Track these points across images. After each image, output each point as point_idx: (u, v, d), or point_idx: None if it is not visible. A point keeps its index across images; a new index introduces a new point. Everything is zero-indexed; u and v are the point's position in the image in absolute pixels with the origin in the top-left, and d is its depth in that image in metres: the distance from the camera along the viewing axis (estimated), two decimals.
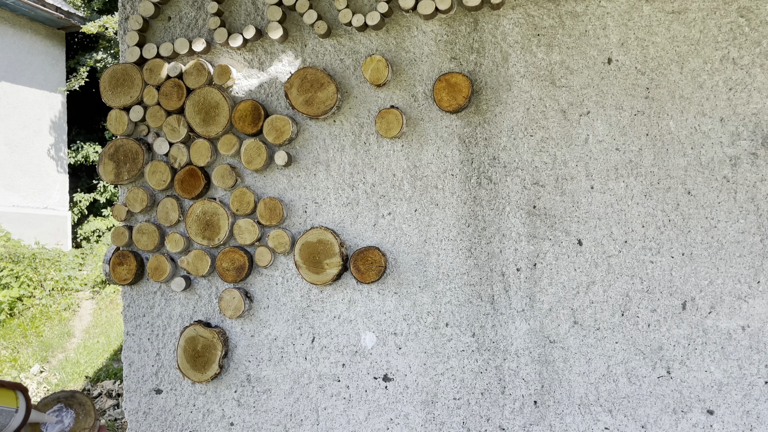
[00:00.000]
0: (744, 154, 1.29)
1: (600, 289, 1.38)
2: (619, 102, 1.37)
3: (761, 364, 1.28)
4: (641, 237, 1.35)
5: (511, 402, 1.45)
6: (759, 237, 1.28)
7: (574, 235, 1.40)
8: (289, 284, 1.63)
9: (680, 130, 1.33)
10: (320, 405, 1.60)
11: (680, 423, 1.33)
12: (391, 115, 1.49)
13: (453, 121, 1.49)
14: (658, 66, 1.34)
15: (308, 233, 1.57)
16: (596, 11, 1.39)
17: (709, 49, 1.31)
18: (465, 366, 1.48)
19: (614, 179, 1.37)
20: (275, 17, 1.57)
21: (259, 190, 1.65)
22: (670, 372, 1.34)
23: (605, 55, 1.38)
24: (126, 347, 1.76)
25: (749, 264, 1.29)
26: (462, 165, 1.49)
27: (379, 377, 1.56)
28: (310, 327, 1.61)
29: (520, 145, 1.44)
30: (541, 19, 1.42)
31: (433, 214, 1.51)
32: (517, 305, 1.44)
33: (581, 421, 1.39)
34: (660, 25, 1.34)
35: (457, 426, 1.49)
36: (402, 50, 1.53)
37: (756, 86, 1.28)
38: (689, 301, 1.33)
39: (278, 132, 1.58)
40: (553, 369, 1.41)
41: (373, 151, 1.56)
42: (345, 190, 1.58)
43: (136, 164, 1.70)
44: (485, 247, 1.47)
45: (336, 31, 1.58)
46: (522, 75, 1.44)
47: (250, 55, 1.66)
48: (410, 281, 1.53)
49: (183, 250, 1.69)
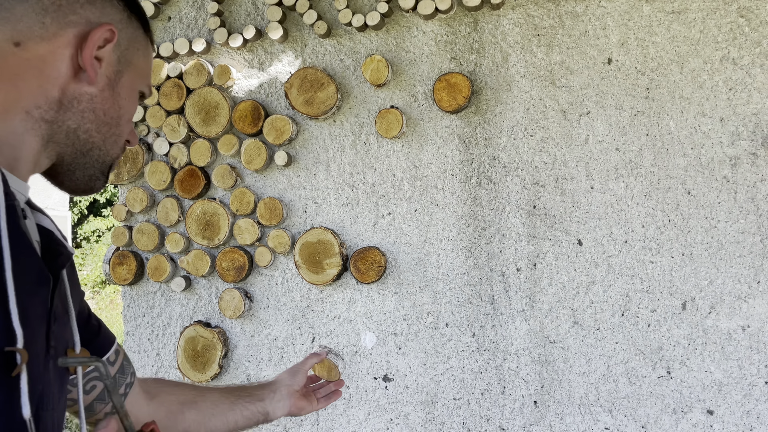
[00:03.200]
0: (744, 154, 1.29)
1: (600, 289, 1.38)
2: (619, 102, 1.37)
3: (761, 364, 1.28)
4: (641, 237, 1.35)
5: (511, 402, 1.45)
6: (759, 237, 1.28)
7: (574, 235, 1.40)
8: (289, 284, 1.63)
9: (680, 130, 1.33)
10: None
11: (680, 423, 1.33)
12: (391, 115, 1.49)
13: (453, 121, 1.49)
14: (658, 66, 1.34)
15: (308, 233, 1.57)
16: (596, 11, 1.39)
17: (709, 49, 1.31)
18: (465, 366, 1.48)
19: (614, 179, 1.37)
20: (275, 17, 1.57)
21: (259, 190, 1.65)
22: (670, 372, 1.34)
23: (605, 55, 1.38)
24: (126, 347, 1.76)
25: (749, 264, 1.29)
26: (462, 165, 1.49)
27: (379, 377, 1.56)
28: (310, 327, 1.61)
29: (520, 145, 1.44)
30: (541, 19, 1.42)
31: (433, 214, 1.51)
32: (517, 305, 1.44)
33: (581, 421, 1.39)
34: (660, 25, 1.34)
35: (457, 426, 1.49)
36: (402, 50, 1.53)
37: (756, 86, 1.28)
38: (689, 301, 1.33)
39: (278, 132, 1.58)
40: (553, 369, 1.41)
41: (373, 151, 1.56)
42: (345, 190, 1.58)
43: (136, 164, 1.71)
44: (485, 247, 1.47)
45: (336, 31, 1.58)
46: (522, 75, 1.44)
47: (250, 55, 1.66)
48: (410, 281, 1.53)
49: (183, 250, 1.69)
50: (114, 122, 0.72)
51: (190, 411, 1.03)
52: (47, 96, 0.65)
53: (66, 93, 0.66)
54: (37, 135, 0.65)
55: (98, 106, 0.69)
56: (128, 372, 0.94)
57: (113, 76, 0.71)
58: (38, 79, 0.64)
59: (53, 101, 0.65)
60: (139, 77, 0.76)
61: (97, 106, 0.69)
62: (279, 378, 1.19)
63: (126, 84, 0.73)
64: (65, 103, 0.66)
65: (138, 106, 0.80)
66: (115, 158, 0.75)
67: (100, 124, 0.70)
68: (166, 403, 1.00)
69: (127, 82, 0.73)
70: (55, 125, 0.66)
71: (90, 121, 0.69)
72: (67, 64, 0.65)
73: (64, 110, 0.66)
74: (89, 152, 0.71)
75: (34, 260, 0.62)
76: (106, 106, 0.70)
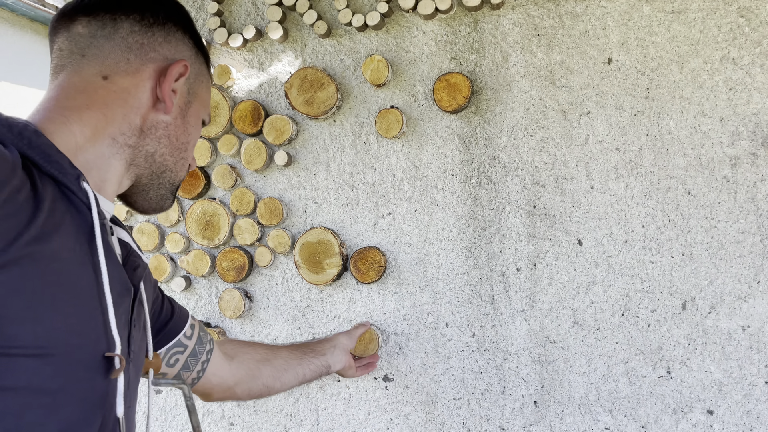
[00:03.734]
0: (744, 154, 1.29)
1: (600, 289, 1.38)
2: (619, 102, 1.37)
3: (761, 364, 1.28)
4: (641, 237, 1.35)
5: (512, 402, 1.45)
6: (759, 237, 1.28)
7: (574, 235, 1.40)
8: (289, 284, 1.63)
9: (680, 130, 1.33)
10: (320, 405, 1.60)
11: (680, 423, 1.33)
12: (391, 115, 1.49)
13: (453, 121, 1.49)
14: (658, 66, 1.34)
15: (308, 233, 1.57)
16: (596, 11, 1.39)
17: (709, 49, 1.31)
18: (465, 366, 1.48)
19: (614, 179, 1.37)
20: (275, 17, 1.57)
21: (259, 190, 1.65)
22: (671, 372, 1.34)
23: (605, 55, 1.38)
24: None
25: (749, 264, 1.29)
26: (462, 165, 1.49)
27: (379, 377, 1.56)
28: (310, 327, 1.61)
29: (520, 145, 1.44)
30: (541, 19, 1.42)
31: (433, 214, 1.51)
32: (517, 305, 1.44)
33: (581, 421, 1.39)
34: (660, 25, 1.34)
35: (457, 426, 1.49)
36: (402, 50, 1.53)
37: (756, 86, 1.28)
38: (689, 301, 1.33)
39: (278, 132, 1.58)
40: (553, 369, 1.41)
41: (373, 151, 1.56)
42: (345, 190, 1.58)
43: None
44: (485, 247, 1.47)
45: (336, 31, 1.58)
46: (522, 75, 1.44)
47: (250, 55, 1.66)
48: (410, 281, 1.53)
49: (183, 250, 1.69)
50: (183, 147, 0.80)
51: (265, 367, 1.17)
52: (131, 124, 0.72)
53: (146, 121, 0.74)
54: (121, 159, 0.73)
55: (172, 133, 0.77)
56: (206, 340, 1.05)
57: (184, 106, 0.79)
58: (123, 108, 0.71)
59: (135, 128, 0.73)
60: (203, 107, 0.85)
61: (171, 132, 0.77)
62: (337, 337, 1.38)
63: (193, 113, 0.82)
64: (145, 130, 0.74)
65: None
66: (182, 179, 0.84)
67: (173, 148, 0.78)
68: (245, 362, 1.14)
69: (194, 111, 0.82)
70: (136, 150, 0.74)
71: (165, 146, 0.77)
72: (147, 95, 0.74)
73: (143, 136, 0.74)
74: (163, 174, 0.79)
75: (120, 273, 0.71)
76: (178, 132, 0.78)
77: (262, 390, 1.17)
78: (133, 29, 0.72)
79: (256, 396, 1.18)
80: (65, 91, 0.69)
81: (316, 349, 1.29)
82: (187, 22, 0.80)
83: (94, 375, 0.62)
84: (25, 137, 0.59)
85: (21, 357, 0.53)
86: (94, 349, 0.62)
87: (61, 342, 0.57)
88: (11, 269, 0.52)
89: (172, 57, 0.76)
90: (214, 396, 1.11)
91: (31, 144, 0.59)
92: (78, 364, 0.60)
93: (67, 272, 0.59)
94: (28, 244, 0.53)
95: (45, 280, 0.55)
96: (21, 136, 0.58)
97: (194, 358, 1.01)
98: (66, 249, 0.59)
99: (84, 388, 0.61)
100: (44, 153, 0.59)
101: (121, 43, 0.71)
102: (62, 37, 0.71)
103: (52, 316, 0.56)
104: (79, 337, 0.60)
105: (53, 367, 0.57)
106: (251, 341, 1.23)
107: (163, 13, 0.75)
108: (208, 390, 1.08)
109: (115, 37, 0.71)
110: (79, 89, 0.69)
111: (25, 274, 0.53)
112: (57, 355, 0.57)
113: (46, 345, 0.56)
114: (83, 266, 0.61)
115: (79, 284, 0.60)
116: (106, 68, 0.70)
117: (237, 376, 1.12)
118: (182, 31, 0.78)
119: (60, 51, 0.71)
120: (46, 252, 0.55)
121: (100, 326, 0.62)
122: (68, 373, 0.58)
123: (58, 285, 0.57)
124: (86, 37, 0.70)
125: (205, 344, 1.04)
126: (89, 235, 0.63)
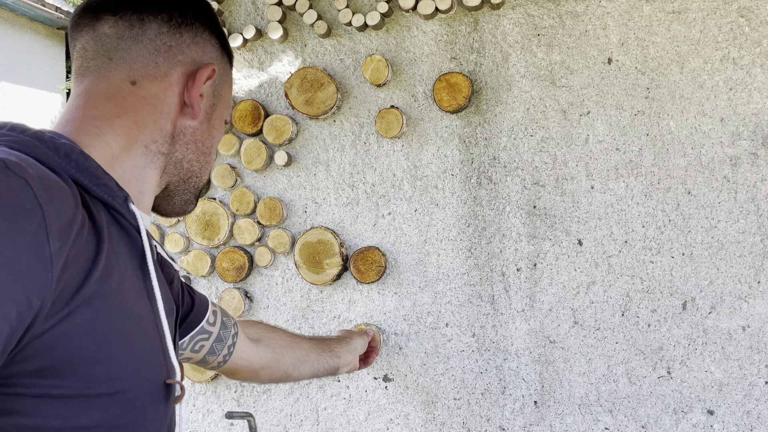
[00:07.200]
0: (744, 154, 1.29)
1: (600, 289, 1.38)
2: (619, 102, 1.37)
3: (761, 364, 1.28)
4: (641, 237, 1.35)
5: (512, 402, 1.44)
6: (759, 237, 1.28)
7: (575, 235, 1.40)
8: (289, 284, 1.63)
9: (680, 130, 1.33)
10: (320, 405, 1.60)
11: (680, 423, 1.33)
12: (391, 115, 1.49)
13: (453, 121, 1.49)
14: (658, 66, 1.34)
15: (308, 233, 1.57)
16: (596, 11, 1.39)
17: (709, 49, 1.31)
18: (465, 366, 1.48)
19: (614, 179, 1.37)
20: (275, 17, 1.57)
21: (259, 190, 1.65)
22: (671, 372, 1.34)
23: (605, 55, 1.38)
24: None
25: (749, 264, 1.28)
26: (462, 165, 1.48)
27: (379, 377, 1.55)
28: (310, 327, 1.61)
29: (521, 145, 1.44)
30: (541, 19, 1.42)
31: (433, 214, 1.51)
32: (517, 305, 1.44)
33: (581, 422, 1.39)
34: (660, 25, 1.34)
35: (457, 426, 1.49)
36: (402, 50, 1.53)
37: (756, 86, 1.28)
38: (689, 301, 1.33)
39: (278, 132, 1.58)
40: (553, 369, 1.41)
41: (373, 151, 1.56)
42: (345, 190, 1.58)
43: None
44: (485, 247, 1.47)
45: (336, 31, 1.58)
46: (522, 75, 1.44)
47: (250, 55, 1.66)
48: (410, 281, 1.53)
49: (183, 250, 1.69)
50: (208, 151, 0.78)
51: (289, 354, 1.18)
52: (162, 130, 0.70)
53: (176, 127, 0.71)
54: (156, 168, 0.71)
55: (198, 138, 0.75)
56: (230, 325, 1.04)
57: (210, 110, 0.76)
58: (152, 114, 0.68)
59: (167, 135, 0.70)
60: (226, 108, 0.82)
61: (198, 138, 0.75)
62: (354, 340, 1.37)
63: (218, 116, 0.79)
64: (175, 136, 0.72)
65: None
66: (205, 183, 0.82)
67: (199, 153, 0.76)
68: (270, 347, 1.15)
69: (219, 113, 0.80)
70: (168, 157, 0.72)
71: (192, 152, 0.75)
72: (175, 100, 0.70)
73: (174, 143, 0.72)
74: (189, 179, 0.77)
75: (167, 293, 0.70)
76: (204, 137, 0.76)
77: (281, 376, 1.17)
78: (161, 30, 0.68)
79: (276, 381, 1.19)
80: (93, 98, 0.65)
81: (334, 349, 1.29)
82: (214, 21, 0.77)
83: (158, 404, 0.62)
84: (73, 160, 0.56)
85: (95, 397, 0.53)
86: (157, 378, 0.62)
87: (132, 377, 0.57)
88: (83, 311, 0.51)
89: (200, 60, 0.73)
90: (240, 376, 1.12)
91: (80, 167, 0.56)
92: (146, 396, 0.60)
93: (131, 304, 0.58)
94: (97, 281, 0.52)
95: (115, 317, 0.55)
96: (68, 159, 0.56)
97: (220, 343, 1.00)
98: (126, 279, 0.58)
99: (150, 418, 0.61)
100: (93, 176, 0.57)
101: (149, 46, 0.68)
102: (86, 35, 0.67)
103: (124, 352, 0.56)
104: (146, 370, 0.60)
105: (124, 404, 0.56)
106: (272, 326, 1.24)
107: (191, 13, 0.72)
108: (233, 370, 1.08)
109: (143, 39, 0.67)
110: (107, 96, 0.66)
111: (96, 313, 0.52)
112: (128, 391, 0.57)
113: (119, 383, 0.55)
114: (140, 294, 0.60)
115: (140, 314, 0.59)
116: (134, 73, 0.67)
117: (263, 360, 1.12)
118: (209, 31, 0.75)
119: (84, 51, 0.67)
120: (112, 286, 0.54)
121: (160, 354, 0.62)
122: (137, 408, 0.58)
123: (127, 319, 0.57)
124: (113, 38, 0.66)
125: (229, 329, 1.03)
126: (140, 259, 0.61)
